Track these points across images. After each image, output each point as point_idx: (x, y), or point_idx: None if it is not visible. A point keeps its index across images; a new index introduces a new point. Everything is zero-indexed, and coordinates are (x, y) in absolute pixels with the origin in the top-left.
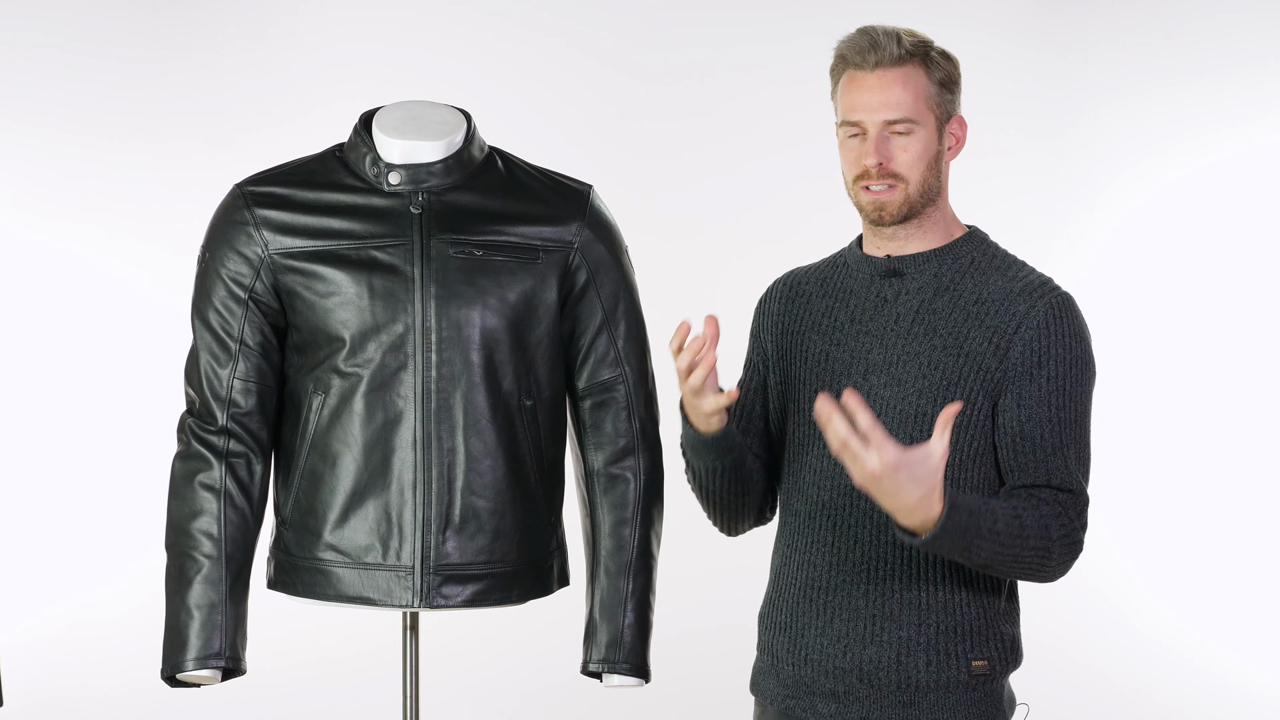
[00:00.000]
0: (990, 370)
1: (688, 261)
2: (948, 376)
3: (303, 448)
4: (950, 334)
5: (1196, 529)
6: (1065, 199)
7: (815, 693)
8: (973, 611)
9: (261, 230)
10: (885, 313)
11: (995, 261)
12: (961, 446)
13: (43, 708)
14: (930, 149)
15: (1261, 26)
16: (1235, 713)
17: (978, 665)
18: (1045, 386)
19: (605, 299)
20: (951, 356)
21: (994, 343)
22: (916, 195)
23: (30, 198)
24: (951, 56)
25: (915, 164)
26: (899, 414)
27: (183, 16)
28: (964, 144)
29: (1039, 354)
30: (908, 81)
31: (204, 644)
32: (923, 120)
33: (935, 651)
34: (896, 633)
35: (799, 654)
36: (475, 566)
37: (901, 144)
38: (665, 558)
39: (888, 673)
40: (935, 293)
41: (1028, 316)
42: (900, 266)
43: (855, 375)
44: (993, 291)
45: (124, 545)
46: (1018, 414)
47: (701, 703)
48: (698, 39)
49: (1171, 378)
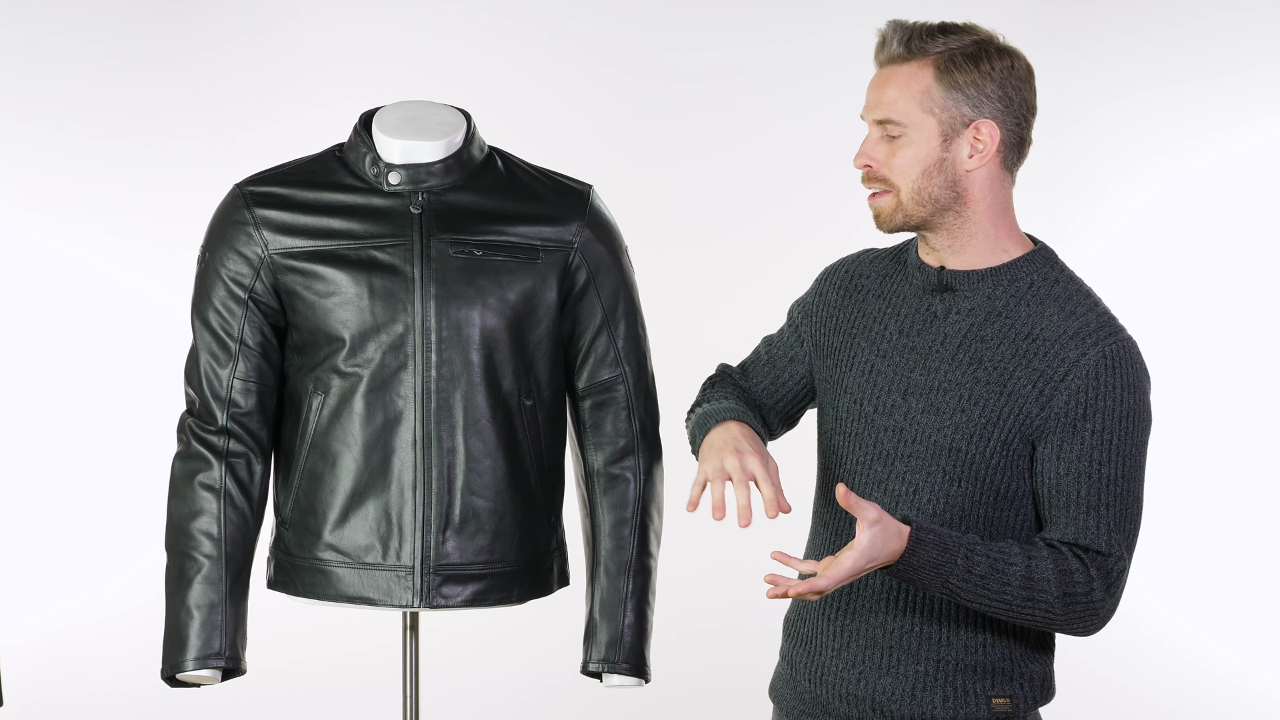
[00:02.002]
0: (1032, 415)
1: (708, 268)
2: (987, 414)
3: (302, 448)
4: (995, 368)
5: (1197, 529)
6: (1065, 199)
7: (829, 713)
8: (997, 650)
9: (261, 230)
10: (933, 330)
11: (1056, 290)
12: (997, 488)
13: (43, 708)
14: (928, 155)
15: (1261, 26)
16: (1236, 713)
17: (998, 703)
18: (1088, 440)
19: (605, 299)
20: (994, 393)
21: (1039, 387)
22: (912, 204)
23: (30, 197)
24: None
25: (906, 170)
26: (933, 445)
27: (183, 16)
28: (991, 150)
29: (1085, 406)
30: (906, 81)
31: (204, 644)
32: (916, 124)
33: (953, 688)
34: (913, 667)
35: (816, 672)
36: (475, 566)
37: (891, 148)
38: (665, 558)
39: (901, 705)
40: (986, 317)
41: (1077, 365)
42: (954, 282)
43: (895, 394)
44: (1046, 328)
45: (124, 545)
46: (1056, 466)
47: (701, 702)
48: (714, 41)
49: (1172, 378)
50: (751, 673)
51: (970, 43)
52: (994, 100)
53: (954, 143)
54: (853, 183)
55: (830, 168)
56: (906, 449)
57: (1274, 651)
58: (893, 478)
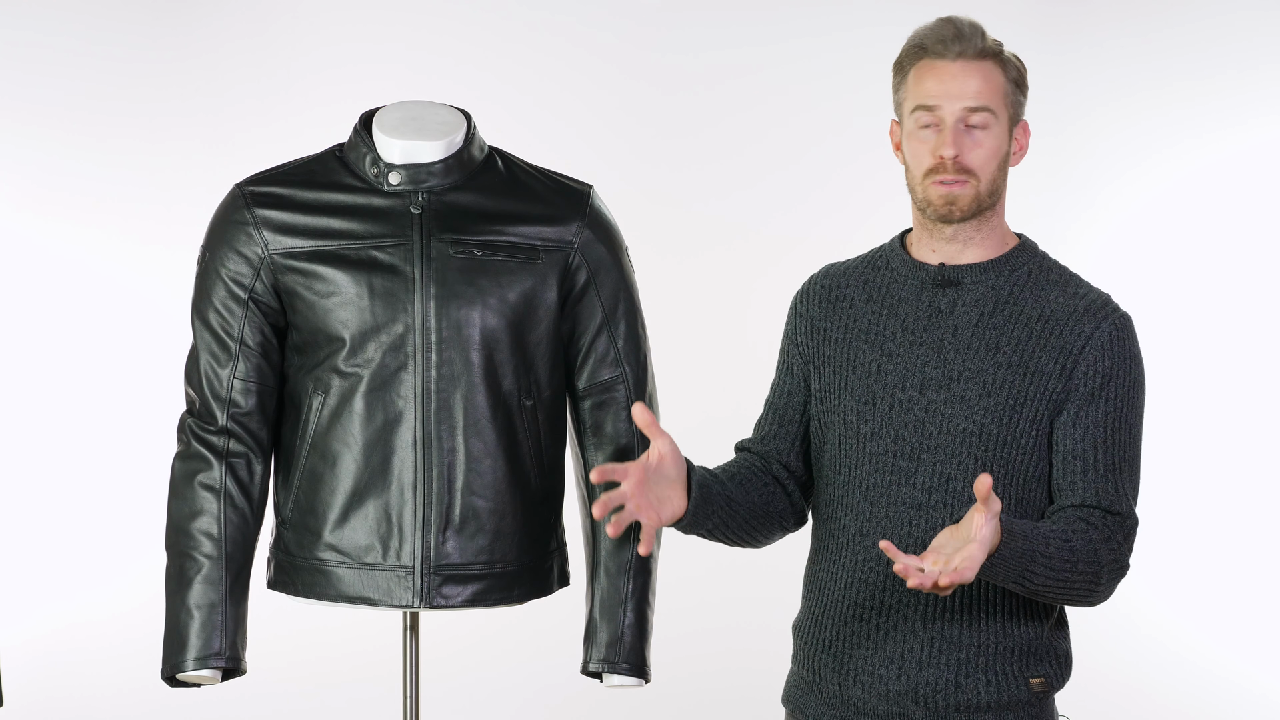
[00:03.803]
0: (1055, 391)
1: (709, 269)
2: (1013, 396)
3: (303, 448)
4: (1015, 351)
5: (1197, 529)
6: (1065, 199)
7: (865, 713)
8: (1029, 631)
9: (261, 230)
10: (941, 324)
11: (1051, 276)
12: (1027, 468)
13: (43, 708)
14: (1002, 148)
15: (1261, 26)
16: (1236, 713)
17: (1036, 682)
18: (1104, 409)
19: (605, 299)
20: (1018, 375)
21: (1060, 363)
22: (985, 194)
23: (30, 198)
24: (1022, 63)
25: (988, 161)
26: (962, 432)
27: (183, 16)
28: (1026, 151)
29: (1103, 375)
30: (989, 75)
31: (204, 644)
32: (1000, 116)
33: (994, 672)
34: (955, 655)
35: (847, 674)
36: (475, 566)
37: (977, 138)
38: (665, 558)
39: (946, 694)
40: (995, 306)
41: (1093, 337)
42: (956, 276)
43: (911, 389)
44: (1056, 309)
45: (124, 545)
46: (1073, 433)
47: (702, 702)
48: (716, 42)
49: (1172, 377)
50: (752, 672)
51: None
52: (1025, 102)
53: (1011, 140)
54: (855, 184)
55: (834, 169)
56: (932, 440)
57: (1274, 651)
58: (920, 470)
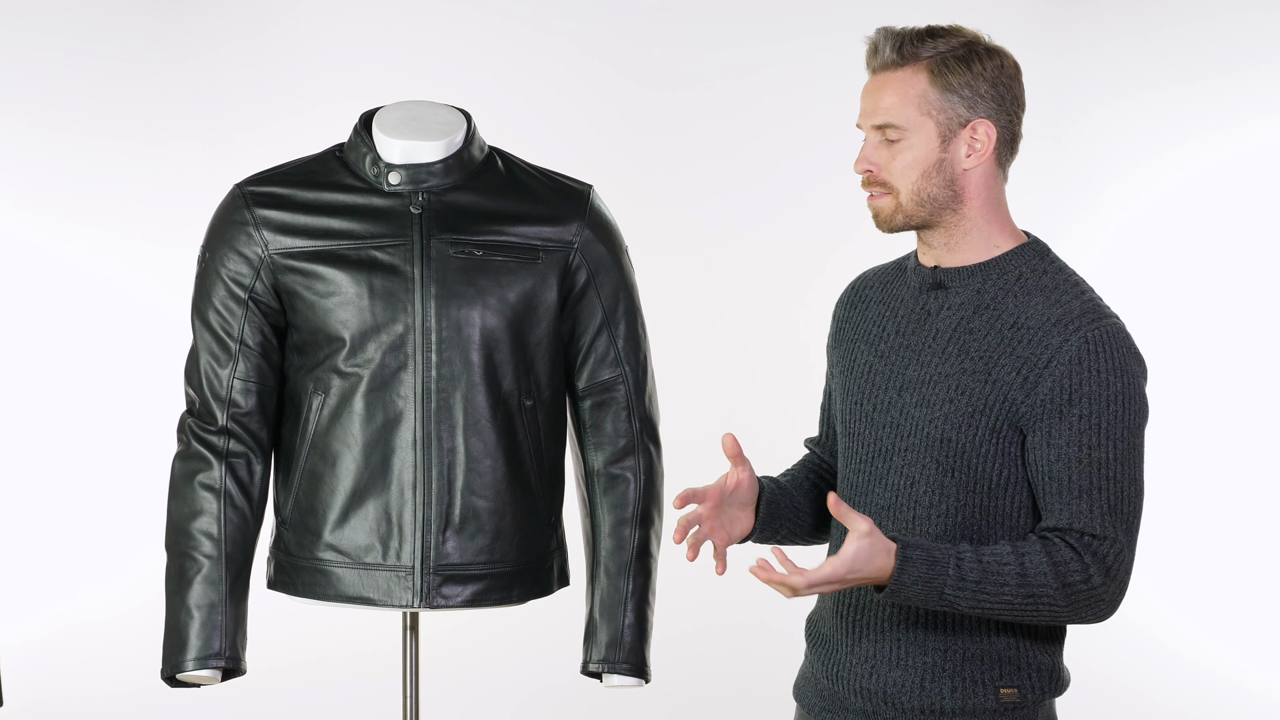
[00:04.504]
0: (1017, 403)
1: (710, 269)
2: (974, 403)
3: (303, 448)
4: (981, 357)
5: (1197, 529)
6: (1065, 199)
7: (846, 708)
8: (1002, 640)
9: (261, 230)
10: (926, 327)
11: (1044, 280)
12: (989, 476)
13: (43, 708)
14: (927, 157)
15: (1261, 26)
16: (1236, 713)
17: (1006, 693)
18: (1075, 425)
19: (605, 299)
20: (979, 382)
21: (1022, 374)
22: (911, 205)
23: (30, 198)
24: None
25: (905, 172)
26: (926, 437)
27: (183, 16)
28: (990, 148)
29: (1069, 391)
30: (902, 86)
31: (204, 644)
32: (915, 127)
33: (961, 678)
34: (921, 658)
35: (832, 669)
36: (475, 566)
37: (890, 152)
38: (665, 558)
39: (911, 696)
40: (975, 310)
41: (1060, 351)
42: (944, 279)
43: (891, 391)
44: (1031, 317)
45: (124, 545)
46: (1046, 453)
47: (702, 702)
48: (715, 42)
49: (1172, 377)
50: (752, 672)
51: (960, 44)
52: (988, 100)
53: (951, 143)
54: (853, 185)
55: (832, 169)
56: (902, 443)
57: (1274, 651)
58: (891, 473)
